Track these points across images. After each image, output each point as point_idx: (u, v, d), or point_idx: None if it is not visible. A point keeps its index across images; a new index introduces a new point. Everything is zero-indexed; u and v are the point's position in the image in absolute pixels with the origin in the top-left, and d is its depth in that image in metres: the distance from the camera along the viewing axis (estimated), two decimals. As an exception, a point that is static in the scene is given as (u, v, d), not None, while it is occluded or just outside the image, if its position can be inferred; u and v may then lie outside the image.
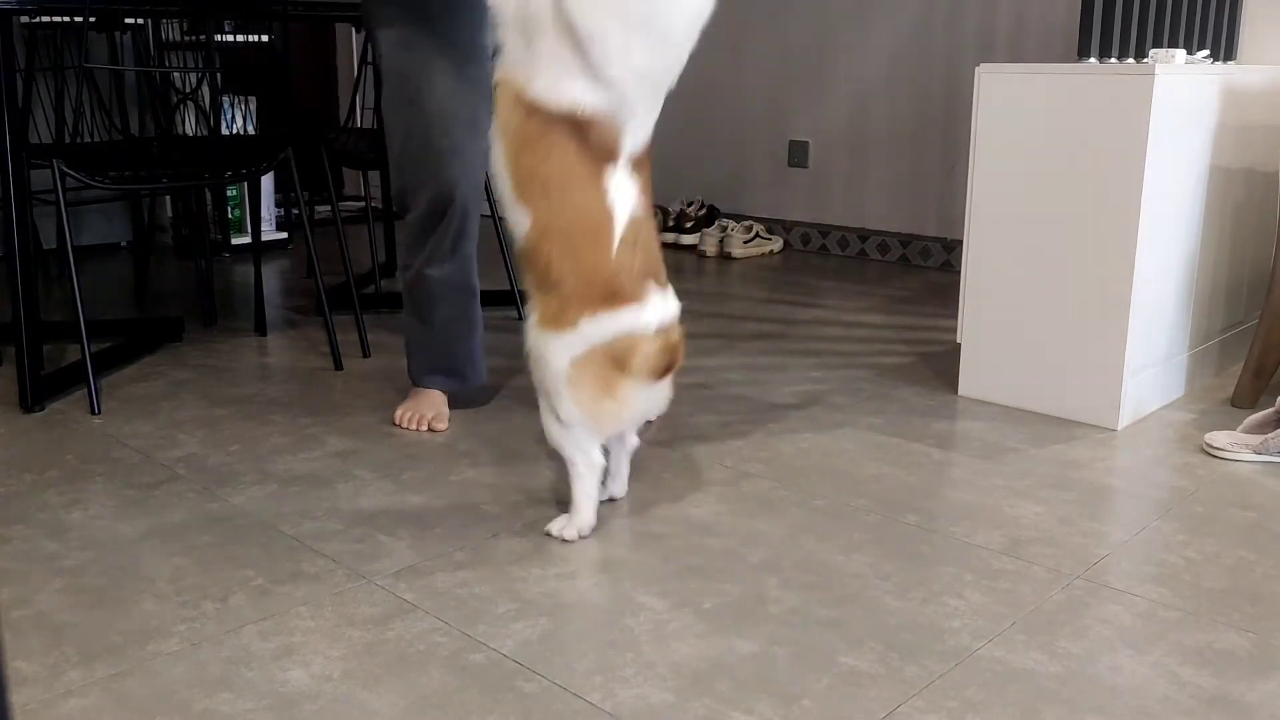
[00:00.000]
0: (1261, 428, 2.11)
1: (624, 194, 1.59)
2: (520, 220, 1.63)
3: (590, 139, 1.57)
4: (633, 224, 1.60)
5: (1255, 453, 2.05)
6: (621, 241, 1.58)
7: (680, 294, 1.70)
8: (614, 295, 1.57)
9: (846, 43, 4.06)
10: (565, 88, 1.56)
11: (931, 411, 2.34)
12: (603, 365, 1.58)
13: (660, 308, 1.61)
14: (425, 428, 2.21)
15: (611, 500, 1.85)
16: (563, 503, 1.86)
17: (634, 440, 1.83)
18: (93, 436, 2.18)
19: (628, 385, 1.59)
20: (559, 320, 1.60)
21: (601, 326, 1.58)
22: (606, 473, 1.78)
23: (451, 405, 2.28)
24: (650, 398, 1.65)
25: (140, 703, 1.30)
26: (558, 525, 1.72)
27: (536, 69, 1.58)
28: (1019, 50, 3.63)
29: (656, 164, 5.24)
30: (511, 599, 1.54)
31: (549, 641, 1.43)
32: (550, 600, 1.54)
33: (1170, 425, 2.26)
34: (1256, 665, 1.38)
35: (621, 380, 1.59)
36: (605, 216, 1.58)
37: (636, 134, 1.60)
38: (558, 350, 1.61)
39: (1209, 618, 1.49)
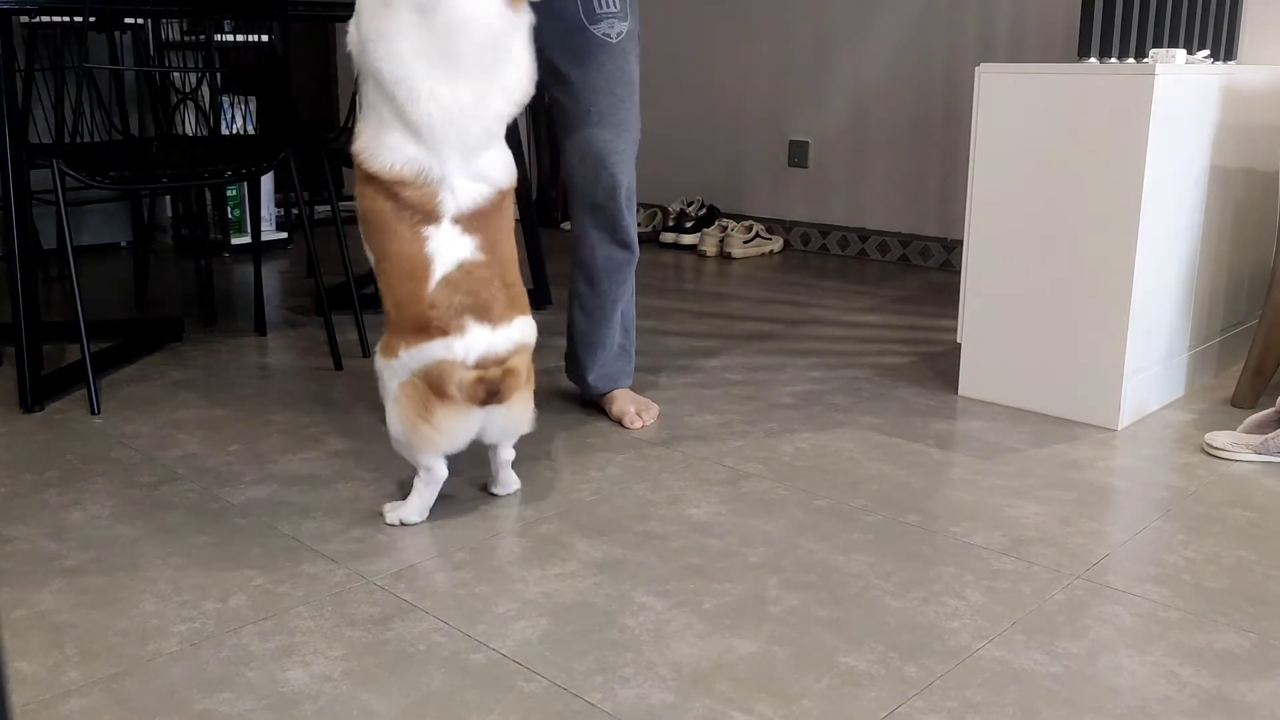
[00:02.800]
0: (1261, 428, 2.11)
1: (449, 244, 1.69)
2: (369, 253, 1.77)
3: (403, 199, 1.69)
4: (461, 268, 1.69)
5: (1255, 453, 2.05)
6: (443, 281, 1.68)
7: (680, 294, 1.71)
8: (425, 328, 1.68)
9: (846, 43, 4.06)
10: (380, 146, 1.69)
11: (931, 411, 2.34)
12: (423, 391, 1.68)
13: (482, 341, 1.68)
14: None
15: (494, 495, 1.91)
16: (563, 502, 1.86)
17: (506, 454, 1.86)
18: (93, 436, 2.18)
19: (444, 410, 1.68)
20: (388, 349, 1.72)
21: (416, 355, 1.68)
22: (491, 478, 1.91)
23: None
24: (479, 423, 1.72)
25: (140, 703, 1.30)
26: (389, 506, 1.81)
27: (365, 122, 1.73)
28: (1019, 50, 3.63)
29: (656, 164, 5.20)
30: (511, 599, 1.54)
31: (549, 641, 1.43)
32: (550, 600, 1.54)
33: (1170, 425, 2.26)
34: (1256, 665, 1.38)
35: (438, 405, 1.68)
36: (421, 262, 1.69)
37: (459, 195, 1.70)
38: (388, 375, 1.73)
39: (1209, 618, 1.49)
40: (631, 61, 2.12)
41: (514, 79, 1.73)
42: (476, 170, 1.71)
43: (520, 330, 1.74)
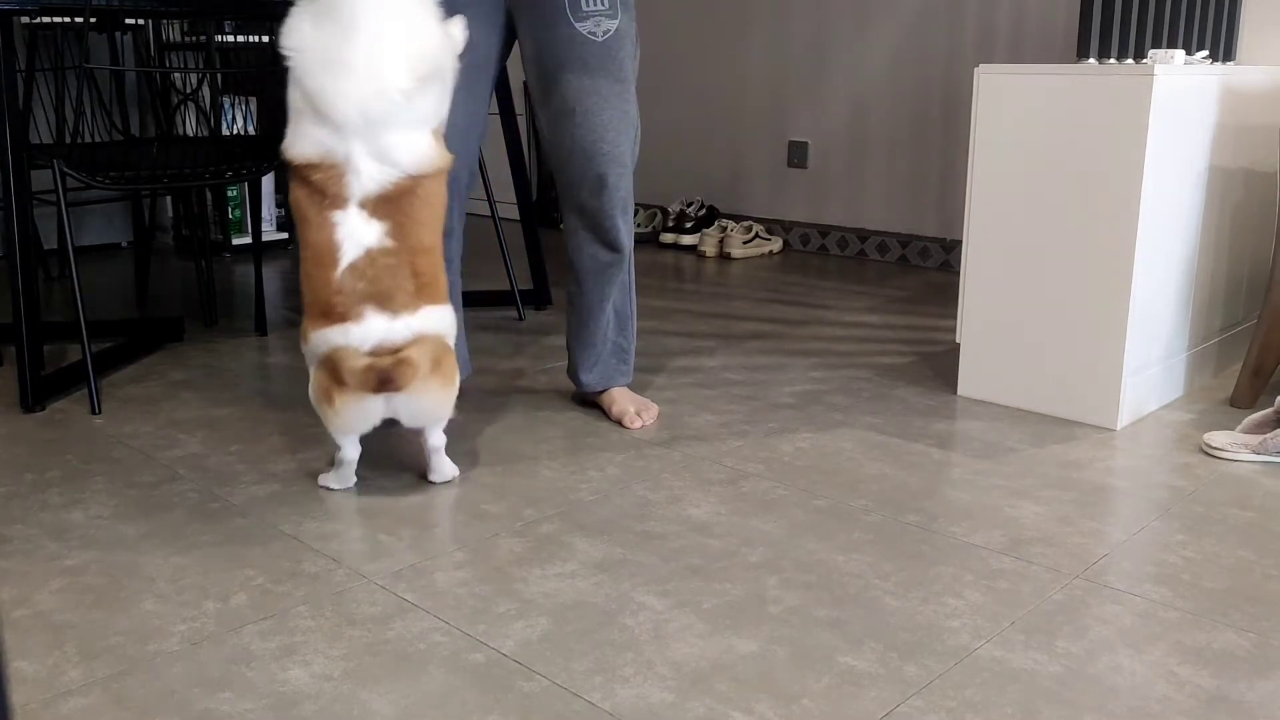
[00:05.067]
0: (1260, 428, 2.11)
1: (357, 230, 1.76)
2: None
3: (313, 184, 1.76)
4: (368, 255, 1.75)
5: (1254, 452, 2.05)
6: (349, 268, 1.75)
7: (680, 294, 1.71)
8: (329, 314, 1.75)
9: (846, 43, 4.06)
10: (295, 135, 1.77)
11: (931, 411, 2.35)
12: (327, 375, 1.76)
13: (379, 330, 1.74)
14: None
15: (431, 483, 1.94)
16: (561, 502, 1.86)
17: (433, 440, 1.88)
18: (93, 436, 2.18)
19: (340, 395, 1.75)
20: (305, 334, 1.81)
21: (320, 339, 1.76)
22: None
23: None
24: (379, 409, 1.77)
25: (140, 703, 1.30)
26: (321, 476, 1.94)
27: (290, 120, 1.80)
28: (1019, 50, 3.64)
29: (656, 164, 5.19)
30: (511, 599, 1.54)
31: (549, 641, 1.43)
32: (550, 600, 1.54)
33: (1169, 425, 2.26)
34: (1256, 665, 1.38)
35: (336, 390, 1.75)
36: (329, 249, 1.76)
37: (363, 177, 1.75)
38: (307, 358, 1.83)
39: (1208, 618, 1.49)
40: (621, 61, 2.07)
41: (415, 51, 1.76)
42: (380, 150, 1.75)
43: (425, 320, 1.77)
